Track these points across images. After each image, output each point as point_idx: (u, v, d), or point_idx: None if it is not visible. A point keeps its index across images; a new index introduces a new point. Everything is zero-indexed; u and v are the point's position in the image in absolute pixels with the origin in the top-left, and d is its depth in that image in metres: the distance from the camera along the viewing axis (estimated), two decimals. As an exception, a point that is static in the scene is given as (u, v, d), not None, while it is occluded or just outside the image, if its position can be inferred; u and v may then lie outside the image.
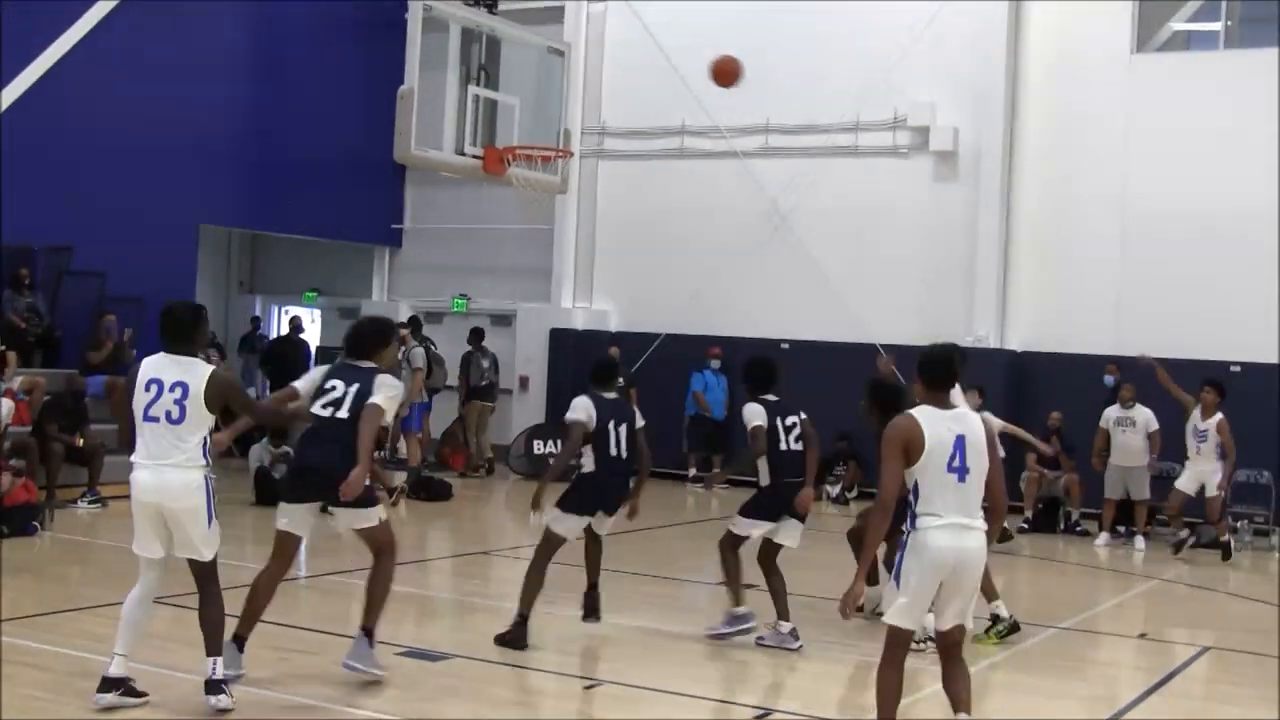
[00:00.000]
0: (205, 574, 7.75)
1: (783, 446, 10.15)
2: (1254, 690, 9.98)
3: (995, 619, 10.54)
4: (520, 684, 8.68)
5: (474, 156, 19.79)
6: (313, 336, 24.21)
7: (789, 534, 10.26)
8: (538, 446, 21.74)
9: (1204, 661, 10.72)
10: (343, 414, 8.35)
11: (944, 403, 7.00)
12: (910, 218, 21.24)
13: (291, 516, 8.46)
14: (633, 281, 23.24)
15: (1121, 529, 17.23)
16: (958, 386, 7.53)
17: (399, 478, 18.28)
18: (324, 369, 8.75)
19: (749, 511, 10.32)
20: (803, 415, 10.36)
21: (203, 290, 24.29)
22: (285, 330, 23.24)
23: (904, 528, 6.92)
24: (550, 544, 9.96)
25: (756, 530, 10.27)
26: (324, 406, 8.42)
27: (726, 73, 13.09)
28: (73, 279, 19.23)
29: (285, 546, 8.53)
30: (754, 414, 10.14)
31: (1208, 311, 19.05)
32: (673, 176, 23.00)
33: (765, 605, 10.25)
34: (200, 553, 7.69)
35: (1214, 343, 18.65)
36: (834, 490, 19.93)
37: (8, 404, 15.40)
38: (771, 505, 10.21)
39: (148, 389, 7.70)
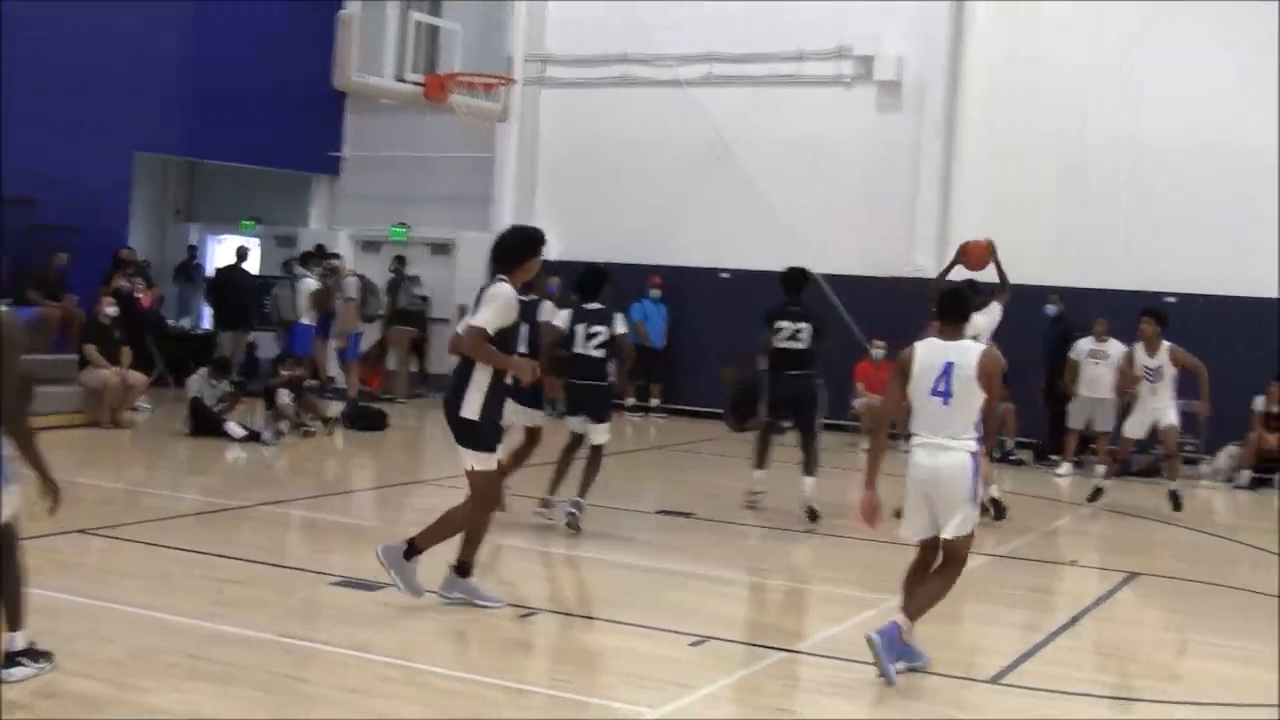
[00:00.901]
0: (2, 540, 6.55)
1: (577, 349, 11.35)
2: (1180, 615, 10.16)
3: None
4: (455, 611, 8.68)
5: (415, 83, 19.60)
6: (251, 266, 23.97)
7: (578, 426, 11.57)
8: (478, 376, 21.66)
9: (1131, 587, 10.87)
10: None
11: (953, 335, 7.66)
12: (854, 148, 21.22)
13: None
14: (575, 211, 23.09)
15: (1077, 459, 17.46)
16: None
17: (334, 408, 18.22)
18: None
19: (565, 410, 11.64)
20: (619, 330, 11.48)
21: (138, 218, 24.05)
22: (231, 260, 22.97)
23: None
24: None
25: (573, 423, 11.61)
26: None
27: (977, 256, 12.99)
28: (2, 207, 18.97)
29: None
30: (559, 318, 11.46)
31: (1145, 243, 19.21)
32: (616, 105, 22.85)
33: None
34: None
35: (1151, 274, 18.82)
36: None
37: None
38: (566, 400, 11.61)
39: None
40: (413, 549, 8.53)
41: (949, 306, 7.75)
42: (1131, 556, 12.40)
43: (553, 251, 22.74)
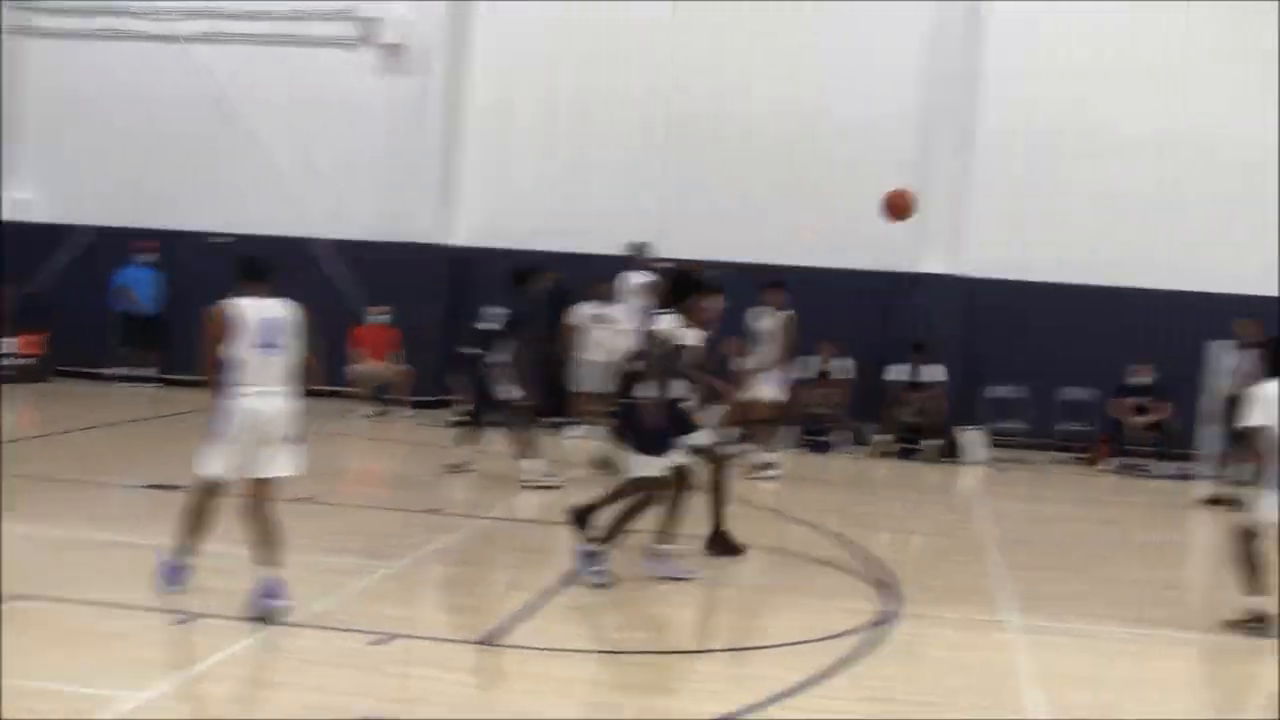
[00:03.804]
0: None
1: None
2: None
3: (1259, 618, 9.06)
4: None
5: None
6: None
7: None
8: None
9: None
10: None
11: (261, 293, 8.49)
12: (362, 110, 20.92)
13: None
14: (64, 170, 21.77)
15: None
16: None
17: None
18: None
19: None
20: None
21: None
22: None
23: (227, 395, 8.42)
24: None
25: None
26: None
27: (899, 206, 12.29)
28: None
29: None
30: None
31: (640, 208, 19.72)
32: (110, 59, 21.66)
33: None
34: None
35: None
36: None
37: None
38: None
39: None
40: None
41: (250, 270, 8.61)
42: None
43: (40, 214, 21.70)
